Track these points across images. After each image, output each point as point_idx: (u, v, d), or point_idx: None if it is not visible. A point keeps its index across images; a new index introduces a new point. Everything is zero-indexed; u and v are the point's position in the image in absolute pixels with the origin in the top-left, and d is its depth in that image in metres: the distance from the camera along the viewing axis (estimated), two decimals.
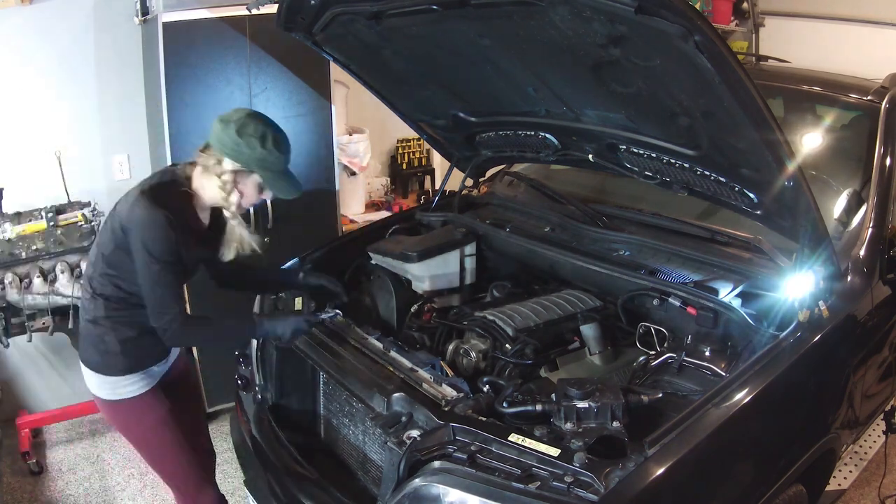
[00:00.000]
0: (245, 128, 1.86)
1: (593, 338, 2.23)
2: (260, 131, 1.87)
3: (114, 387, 2.00)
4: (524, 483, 1.45)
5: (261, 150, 1.87)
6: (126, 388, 2.01)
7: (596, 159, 2.40)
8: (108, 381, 2.00)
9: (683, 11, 1.44)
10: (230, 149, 1.87)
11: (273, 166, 1.92)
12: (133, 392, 2.02)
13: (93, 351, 1.99)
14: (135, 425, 2.08)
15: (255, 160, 1.88)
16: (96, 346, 1.98)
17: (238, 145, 1.86)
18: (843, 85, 2.78)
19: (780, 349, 1.79)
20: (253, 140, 1.86)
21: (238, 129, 1.85)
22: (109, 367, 1.99)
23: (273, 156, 1.89)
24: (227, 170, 1.90)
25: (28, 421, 3.26)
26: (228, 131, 1.86)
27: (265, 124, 1.89)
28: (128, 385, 2.01)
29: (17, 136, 3.20)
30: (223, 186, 1.91)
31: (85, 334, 2.01)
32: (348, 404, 2.06)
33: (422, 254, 2.59)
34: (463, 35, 2.00)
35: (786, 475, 1.80)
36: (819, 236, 1.86)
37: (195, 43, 3.02)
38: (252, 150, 1.86)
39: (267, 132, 1.88)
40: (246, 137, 1.85)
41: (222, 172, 1.90)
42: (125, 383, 2.00)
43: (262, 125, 1.89)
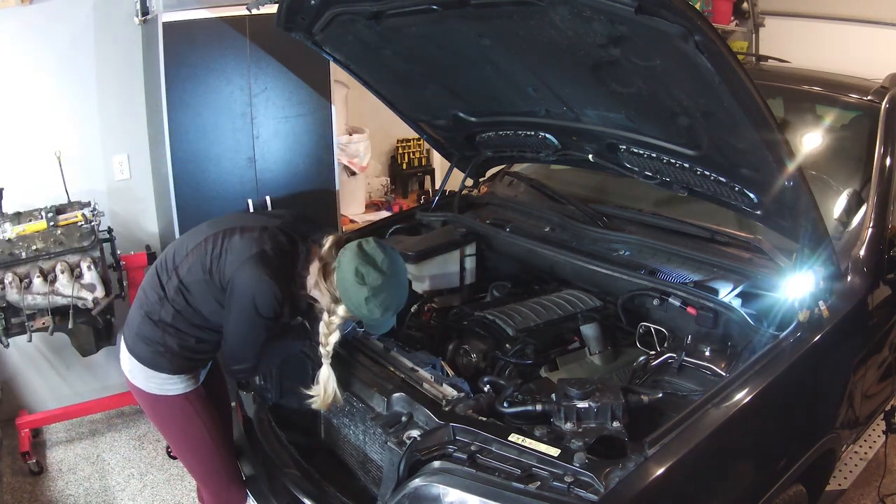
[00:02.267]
0: (376, 297, 1.82)
1: (593, 338, 2.23)
2: (387, 303, 1.85)
3: (162, 383, 2.01)
4: (524, 483, 1.45)
5: (379, 316, 1.87)
6: (174, 385, 2.02)
7: (596, 159, 2.40)
8: (158, 377, 2.00)
9: (683, 11, 1.44)
10: (354, 305, 1.85)
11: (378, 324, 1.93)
12: (179, 390, 2.03)
13: (146, 347, 1.97)
14: (172, 421, 2.09)
15: (367, 320, 1.90)
16: (153, 344, 1.97)
17: (360, 307, 1.85)
18: (843, 85, 2.77)
19: (780, 349, 1.79)
20: (377, 310, 1.84)
21: (367, 297, 1.82)
22: (161, 366, 1.98)
23: (382, 321, 1.91)
24: (340, 315, 1.90)
25: (28, 421, 3.26)
26: (359, 293, 1.82)
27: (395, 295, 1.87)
28: (176, 384, 2.02)
29: (17, 136, 3.19)
30: (328, 325, 1.92)
31: (140, 328, 1.98)
32: (349, 404, 2.06)
33: (421, 254, 2.59)
34: (463, 35, 2.00)
35: (786, 475, 1.80)
36: (819, 236, 1.86)
37: (195, 43, 3.02)
38: (371, 314, 1.86)
39: (391, 305, 1.86)
40: (371, 305, 1.83)
41: (333, 312, 1.91)
42: (174, 381, 2.01)
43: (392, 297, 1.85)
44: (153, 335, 1.96)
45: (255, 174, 3.28)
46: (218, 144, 3.17)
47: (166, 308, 1.94)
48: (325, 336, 1.92)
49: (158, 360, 1.98)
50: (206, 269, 1.88)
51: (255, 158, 3.26)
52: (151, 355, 1.97)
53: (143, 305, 2.00)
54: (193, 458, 2.15)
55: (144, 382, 2.02)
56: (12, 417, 3.27)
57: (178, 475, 3.13)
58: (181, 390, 2.03)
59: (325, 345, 1.92)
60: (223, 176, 3.21)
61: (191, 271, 1.91)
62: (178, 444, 2.17)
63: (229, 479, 2.18)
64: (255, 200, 3.28)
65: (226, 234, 1.91)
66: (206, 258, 1.89)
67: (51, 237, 2.85)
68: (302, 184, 3.39)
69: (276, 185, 3.33)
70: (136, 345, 2.00)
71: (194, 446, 2.12)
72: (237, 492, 2.20)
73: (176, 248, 1.99)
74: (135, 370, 2.02)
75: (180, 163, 3.10)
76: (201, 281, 1.90)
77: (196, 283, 1.90)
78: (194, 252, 1.92)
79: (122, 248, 3.26)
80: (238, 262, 1.84)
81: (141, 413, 3.56)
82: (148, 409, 2.11)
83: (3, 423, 3.25)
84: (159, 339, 1.96)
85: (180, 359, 1.99)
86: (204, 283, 1.90)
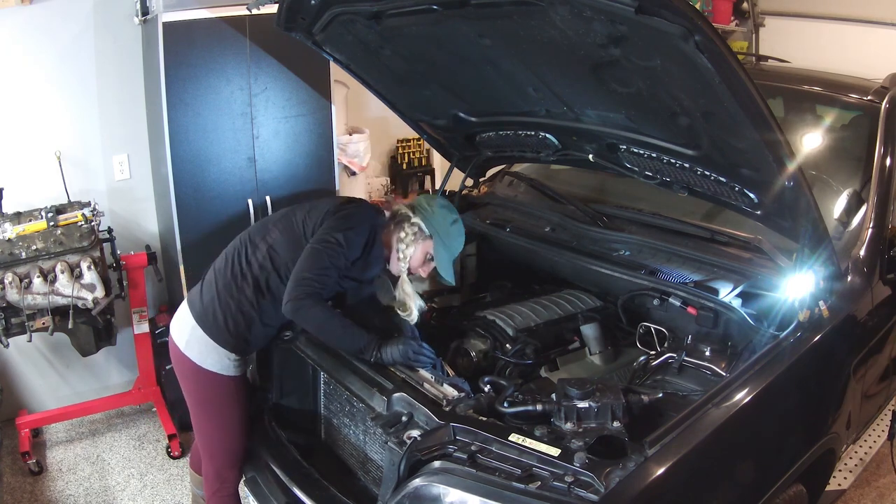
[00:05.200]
0: (446, 208, 2.18)
1: (593, 338, 2.24)
2: (454, 217, 2.18)
3: (219, 359, 2.10)
4: (524, 483, 1.45)
5: (449, 226, 2.15)
6: (227, 366, 2.12)
7: (596, 159, 2.40)
8: (218, 352, 2.09)
9: (683, 11, 1.44)
10: (425, 210, 2.15)
11: (448, 245, 2.16)
12: (230, 372, 2.13)
13: (217, 319, 2.07)
14: (213, 399, 2.18)
15: (440, 230, 2.14)
16: (227, 318, 2.06)
17: (434, 213, 2.14)
18: (843, 85, 2.78)
19: (781, 349, 1.79)
20: (448, 215, 2.16)
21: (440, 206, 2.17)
22: (228, 341, 2.09)
23: (452, 237, 2.16)
24: (415, 222, 2.13)
25: (28, 421, 3.26)
26: (432, 202, 2.18)
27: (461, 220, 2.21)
28: (230, 364, 2.12)
29: (18, 136, 3.20)
30: (403, 238, 2.13)
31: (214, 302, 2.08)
32: (349, 404, 2.06)
33: None
34: (463, 35, 2.00)
35: (786, 475, 1.80)
36: (819, 236, 1.86)
37: (195, 43, 3.02)
38: (443, 221, 2.14)
39: (459, 221, 2.19)
40: (443, 212, 2.16)
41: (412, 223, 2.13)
42: (230, 359, 2.11)
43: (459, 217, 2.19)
44: (229, 310, 2.06)
45: (255, 174, 3.28)
46: (218, 144, 3.17)
47: (247, 279, 2.06)
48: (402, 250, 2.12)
49: (226, 337, 2.08)
50: (296, 226, 2.08)
51: (255, 158, 3.26)
52: (221, 330, 2.07)
53: (218, 281, 2.11)
54: (220, 436, 2.24)
55: (199, 355, 2.10)
56: (12, 417, 3.27)
57: (178, 475, 3.13)
58: (232, 372, 2.14)
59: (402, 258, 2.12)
60: (223, 176, 3.21)
61: (281, 236, 2.09)
62: (210, 421, 2.24)
63: (235, 461, 2.27)
64: (255, 200, 3.28)
65: (310, 204, 2.15)
66: (296, 219, 2.10)
67: (51, 237, 2.85)
68: (302, 184, 3.39)
69: (276, 185, 3.33)
70: (207, 316, 2.08)
71: (226, 427, 2.21)
72: (236, 473, 2.30)
73: (257, 227, 2.19)
74: (193, 341, 2.10)
75: (180, 163, 3.10)
76: (290, 241, 2.07)
77: (286, 243, 2.07)
78: (281, 221, 2.13)
79: (122, 248, 3.26)
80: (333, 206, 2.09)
81: (141, 413, 3.57)
82: (191, 382, 2.18)
83: (3, 423, 3.25)
84: (232, 314, 2.06)
85: (243, 338, 2.09)
86: (293, 242, 2.06)
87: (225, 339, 2.08)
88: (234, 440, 2.23)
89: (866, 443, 2.61)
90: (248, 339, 2.11)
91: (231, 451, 2.25)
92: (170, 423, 3.25)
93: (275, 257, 2.07)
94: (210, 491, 2.29)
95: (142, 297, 3.27)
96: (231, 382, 2.15)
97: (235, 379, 2.16)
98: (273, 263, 2.06)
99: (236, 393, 2.17)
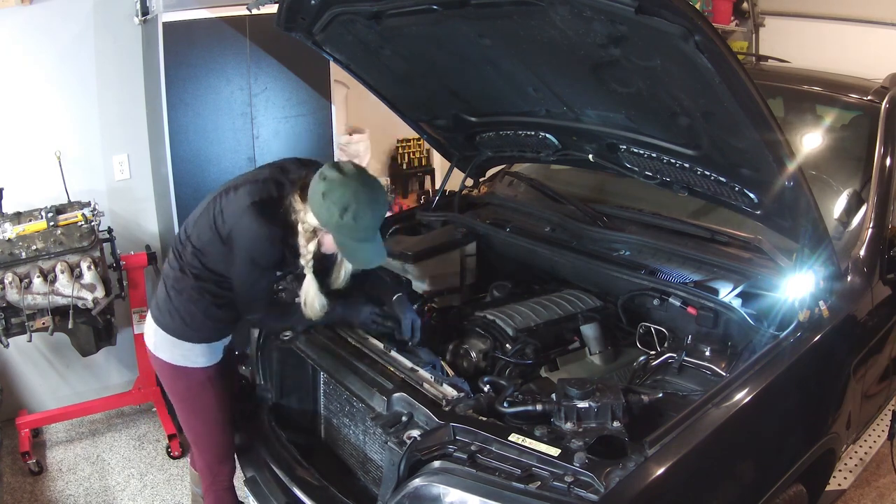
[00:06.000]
0: (331, 193, 1.83)
1: (593, 338, 2.23)
2: (343, 202, 1.82)
3: (186, 354, 2.12)
4: (524, 483, 1.45)
5: (338, 219, 1.84)
6: (196, 358, 2.13)
7: (596, 159, 2.40)
8: (183, 347, 2.11)
9: (683, 11, 1.44)
10: (314, 206, 1.88)
11: (350, 236, 1.90)
12: (200, 364, 2.15)
13: (172, 317, 2.09)
14: (186, 391, 2.20)
15: (333, 226, 1.88)
16: (180, 313, 2.08)
17: (320, 207, 1.86)
18: (843, 85, 2.77)
19: (781, 349, 1.79)
20: (333, 208, 1.83)
21: (325, 192, 1.84)
22: (187, 335, 2.10)
23: (350, 229, 1.86)
24: (310, 222, 1.93)
25: (28, 421, 3.26)
26: (317, 189, 1.86)
27: (353, 196, 1.83)
28: (198, 356, 2.14)
29: (18, 136, 3.19)
30: (303, 234, 1.96)
31: (166, 301, 2.10)
32: (349, 404, 2.06)
33: (421, 254, 2.59)
34: (463, 35, 2.00)
35: (786, 475, 1.80)
36: (819, 236, 1.86)
37: (195, 43, 3.02)
38: (330, 217, 1.85)
39: (350, 205, 1.82)
40: (328, 203, 1.83)
41: (305, 222, 1.94)
42: (197, 353, 2.13)
43: (350, 196, 1.83)
44: (178, 305, 2.07)
45: None
46: (218, 144, 3.17)
47: (187, 276, 2.05)
48: (304, 246, 1.96)
49: (184, 330, 2.09)
50: (212, 228, 1.99)
51: (255, 158, 3.26)
52: (176, 325, 2.09)
53: (166, 279, 2.12)
54: (201, 430, 2.26)
55: (168, 353, 2.13)
56: (12, 417, 3.27)
57: (178, 475, 3.13)
58: (202, 364, 2.14)
59: (304, 255, 1.97)
60: (223, 176, 3.20)
61: (201, 235, 2.02)
62: (187, 417, 2.27)
63: (224, 454, 2.30)
64: None
65: (222, 195, 2.02)
66: (211, 219, 2.00)
67: (51, 237, 2.85)
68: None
69: None
70: (163, 315, 2.11)
71: (202, 421, 2.23)
72: (228, 467, 2.32)
73: (187, 222, 2.11)
74: (160, 342, 2.14)
75: (180, 163, 3.10)
76: (211, 241, 2.00)
77: (207, 243, 2.01)
78: (201, 217, 2.04)
79: (122, 248, 3.26)
80: (235, 215, 1.94)
81: (141, 413, 3.57)
82: (168, 380, 2.22)
83: (3, 423, 3.25)
84: (184, 308, 2.07)
85: (204, 328, 2.10)
86: (213, 242, 2.00)
87: (184, 332, 2.10)
88: (217, 432, 2.25)
89: (866, 443, 2.61)
90: (209, 327, 2.12)
91: (218, 444, 2.27)
92: (170, 423, 3.25)
93: (202, 259, 2.03)
94: (205, 486, 2.33)
95: (142, 297, 3.27)
96: (202, 373, 2.16)
97: (207, 370, 2.16)
98: (200, 262, 2.03)
99: (210, 382, 2.18)
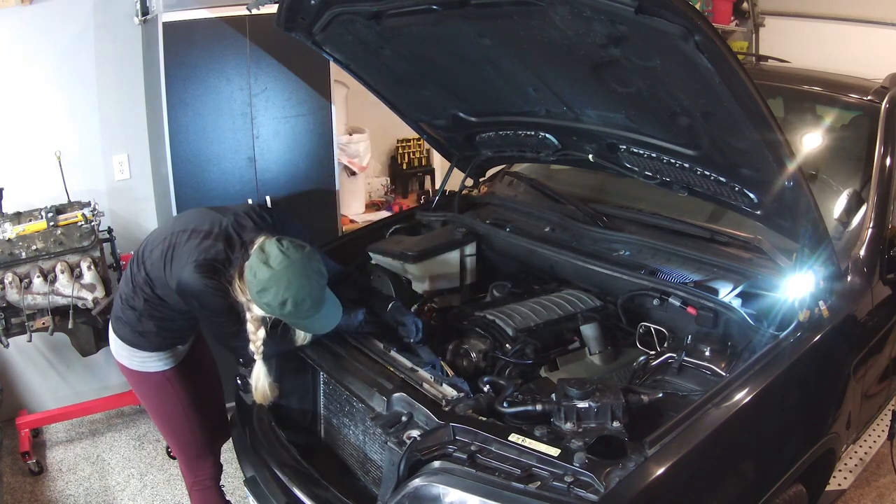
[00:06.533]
0: (266, 292, 1.82)
1: (593, 338, 2.23)
2: (280, 298, 1.81)
3: (143, 360, 2.17)
4: (524, 483, 1.45)
5: (280, 311, 1.85)
6: (154, 363, 2.18)
7: (596, 159, 2.40)
8: (139, 354, 2.16)
9: (683, 11, 1.44)
10: (256, 301, 1.87)
11: (298, 319, 1.89)
12: (157, 367, 2.19)
13: (128, 329, 2.13)
14: (153, 395, 2.26)
15: (279, 316, 1.89)
16: (132, 325, 2.12)
17: (261, 304, 1.86)
18: (843, 85, 2.77)
19: (780, 349, 1.79)
20: (273, 304, 1.83)
21: (259, 291, 1.83)
22: (140, 344, 2.14)
23: (294, 315, 1.86)
24: (255, 312, 1.91)
25: (28, 421, 3.26)
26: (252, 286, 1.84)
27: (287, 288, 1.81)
28: (155, 361, 2.18)
29: (18, 136, 3.19)
30: (252, 321, 1.92)
31: (122, 314, 2.14)
32: (348, 404, 2.06)
33: (421, 254, 2.59)
34: (463, 35, 2.00)
35: (786, 475, 1.80)
36: (819, 236, 1.86)
37: (195, 43, 3.02)
38: (272, 311, 1.86)
39: (287, 299, 1.81)
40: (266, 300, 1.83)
41: (251, 311, 1.91)
42: (154, 359, 2.17)
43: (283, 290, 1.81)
44: (131, 318, 2.11)
45: (255, 174, 3.28)
46: (218, 144, 3.17)
47: (138, 296, 2.07)
48: (253, 333, 1.93)
49: (138, 339, 2.13)
50: (162, 266, 1.98)
51: (255, 158, 3.26)
52: (133, 335, 2.13)
53: (122, 292, 2.15)
54: (167, 429, 2.33)
55: (127, 360, 2.19)
56: (12, 417, 3.27)
57: (177, 475, 3.13)
58: (161, 367, 2.19)
59: (254, 341, 1.94)
60: (223, 176, 3.21)
61: (153, 267, 2.02)
62: (155, 417, 2.34)
63: (200, 451, 2.34)
64: (255, 200, 3.28)
65: (179, 236, 1.98)
66: (163, 257, 1.99)
67: (51, 237, 2.85)
68: (302, 184, 3.39)
69: (276, 185, 3.33)
70: (120, 328, 2.16)
71: (168, 419, 2.29)
72: (206, 463, 2.36)
73: (147, 242, 2.10)
74: (118, 348, 2.19)
75: (180, 163, 3.10)
76: (161, 276, 2.00)
77: (158, 277, 2.02)
78: (157, 248, 2.02)
79: (122, 248, 3.25)
80: (179, 268, 1.92)
81: (141, 413, 3.57)
82: (131, 382, 2.29)
83: (3, 423, 3.25)
84: (136, 321, 2.11)
85: (157, 338, 2.14)
86: (161, 279, 2.01)
87: (137, 342, 2.13)
88: (186, 431, 2.28)
89: (866, 443, 2.61)
90: (163, 338, 2.14)
91: (189, 442, 2.31)
92: None
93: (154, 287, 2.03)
94: (188, 483, 2.38)
95: None
96: (161, 376, 2.19)
97: (165, 372, 2.19)
98: (151, 289, 2.03)
99: (170, 384, 2.21)
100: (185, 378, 2.25)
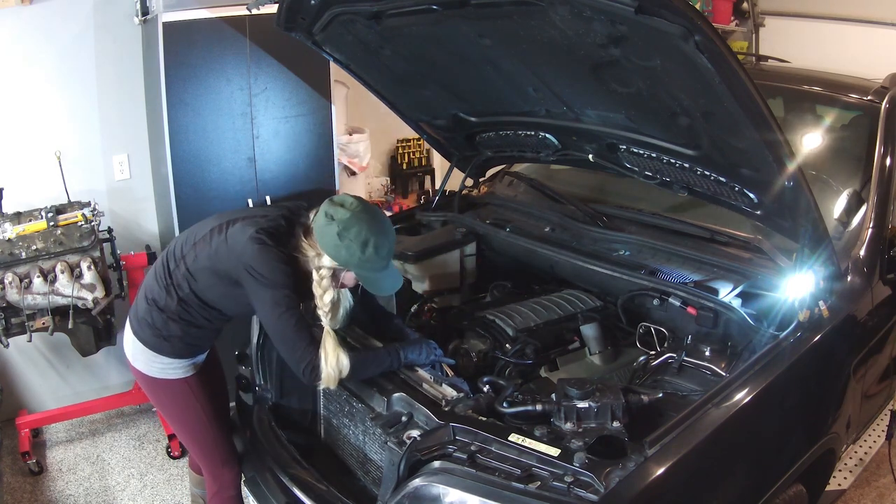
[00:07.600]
0: (347, 231, 1.83)
1: (593, 338, 2.23)
2: (362, 238, 1.83)
3: (164, 367, 2.10)
4: (524, 483, 1.45)
5: (360, 255, 1.84)
6: (174, 370, 2.11)
7: (596, 159, 2.40)
8: (160, 360, 2.09)
9: (683, 11, 1.44)
10: (331, 248, 1.86)
11: (373, 268, 1.89)
12: (178, 375, 2.13)
13: (152, 332, 2.06)
14: (172, 403, 2.20)
15: (355, 263, 1.87)
16: (157, 329, 2.05)
17: (338, 248, 1.85)
18: (843, 85, 2.77)
19: (781, 349, 1.79)
20: (353, 245, 1.83)
21: (340, 232, 1.83)
22: (163, 350, 2.07)
23: (373, 261, 1.86)
24: (326, 266, 1.90)
25: (28, 421, 3.25)
26: (330, 231, 1.84)
27: (369, 229, 1.84)
28: (176, 368, 2.11)
29: (18, 136, 3.19)
30: (319, 282, 1.91)
31: (146, 315, 2.06)
32: (348, 404, 2.06)
33: (421, 254, 2.60)
34: (463, 35, 2.00)
35: (786, 475, 1.80)
36: (819, 236, 1.86)
37: (195, 43, 3.02)
38: (351, 255, 1.85)
39: (370, 239, 1.84)
40: (347, 241, 1.83)
41: (321, 267, 1.90)
42: (175, 366, 2.11)
43: (366, 230, 1.84)
44: (157, 321, 2.04)
45: (255, 174, 3.28)
46: (218, 144, 3.17)
47: (171, 295, 2.01)
48: (320, 297, 1.91)
49: (161, 345, 2.06)
50: (211, 257, 1.95)
51: (255, 158, 3.26)
52: (155, 339, 2.06)
53: (149, 292, 2.07)
54: (190, 438, 2.27)
55: (146, 366, 2.11)
56: (12, 417, 3.27)
57: (178, 475, 3.13)
58: (180, 375, 2.12)
59: (322, 306, 1.91)
60: (223, 176, 3.21)
61: (197, 260, 1.97)
62: (176, 425, 2.29)
63: (223, 458, 2.27)
64: (255, 200, 3.28)
65: (228, 224, 1.96)
66: (212, 247, 1.95)
67: (51, 237, 2.85)
68: (302, 184, 3.39)
69: (276, 185, 3.33)
70: (142, 329, 2.07)
71: (191, 428, 2.23)
72: (230, 470, 2.29)
73: (185, 238, 2.06)
74: (137, 353, 2.11)
75: (180, 163, 3.10)
76: (206, 269, 1.96)
77: (202, 270, 1.97)
78: (201, 242, 1.98)
79: (122, 248, 3.25)
80: (241, 244, 1.88)
81: (141, 413, 3.57)
82: (149, 391, 2.22)
83: (3, 423, 3.25)
84: (162, 324, 2.03)
85: (181, 344, 2.07)
86: (209, 270, 1.96)
87: (161, 347, 2.06)
88: (209, 438, 2.22)
89: (866, 443, 2.61)
90: (187, 345, 2.08)
91: (213, 451, 2.24)
92: None
93: (192, 284, 1.99)
94: (210, 493, 2.29)
95: None
96: (183, 384, 2.13)
97: (187, 379, 2.14)
98: (190, 286, 1.99)
99: (192, 391, 2.15)
100: (203, 384, 2.19)
